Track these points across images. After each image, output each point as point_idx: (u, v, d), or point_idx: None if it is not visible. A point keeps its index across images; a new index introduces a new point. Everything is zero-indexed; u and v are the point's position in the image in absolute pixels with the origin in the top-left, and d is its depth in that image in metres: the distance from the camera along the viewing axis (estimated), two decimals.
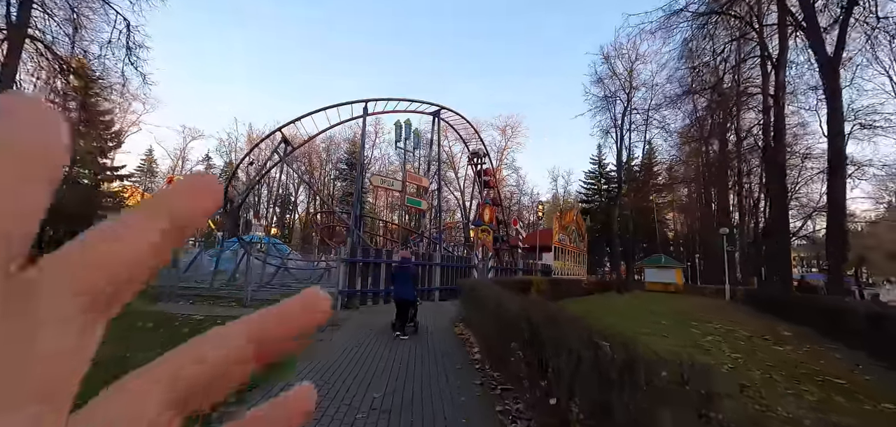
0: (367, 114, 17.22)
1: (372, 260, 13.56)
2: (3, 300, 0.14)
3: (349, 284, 12.73)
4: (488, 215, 20.01)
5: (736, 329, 11.04)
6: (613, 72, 35.02)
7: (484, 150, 22.88)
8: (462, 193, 50.44)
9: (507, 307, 5.97)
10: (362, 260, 13.19)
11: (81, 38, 14.12)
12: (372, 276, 13.57)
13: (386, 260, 13.92)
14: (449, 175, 51.56)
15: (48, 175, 0.15)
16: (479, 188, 22.46)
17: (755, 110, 26.09)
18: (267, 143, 17.25)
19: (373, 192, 52.01)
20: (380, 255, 13.84)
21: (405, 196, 16.69)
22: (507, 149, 53.29)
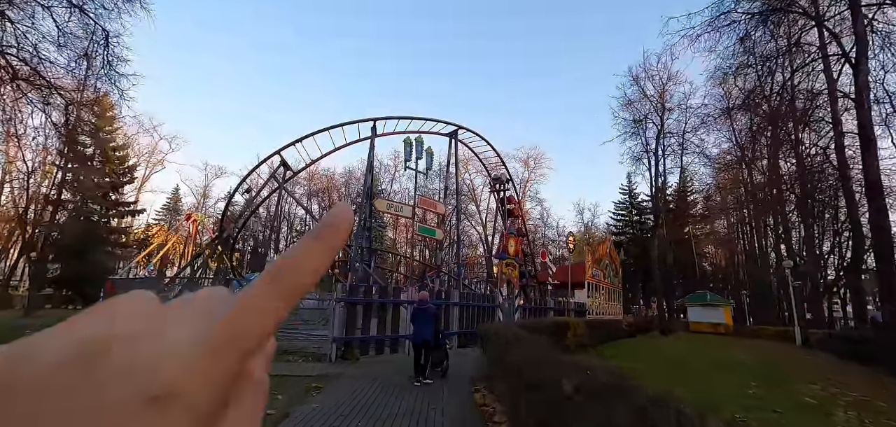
0: (376, 134, 15.46)
1: (376, 300, 11.36)
2: None
3: (347, 330, 10.53)
4: (513, 247, 17.63)
5: (845, 393, 8.19)
6: (644, 93, 32.74)
7: (507, 176, 20.74)
8: (484, 227, 48.19)
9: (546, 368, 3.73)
10: (363, 301, 11.01)
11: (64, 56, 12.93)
12: (377, 318, 11.35)
13: (393, 300, 11.70)
14: (470, 208, 49.55)
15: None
16: (503, 218, 20.17)
17: (815, 125, 23.15)
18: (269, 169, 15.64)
19: (393, 226, 50.25)
20: (384, 295, 11.61)
21: (415, 223, 14.59)
22: (530, 181, 51.08)
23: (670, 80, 31.98)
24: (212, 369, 0.19)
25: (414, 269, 37.76)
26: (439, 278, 18.85)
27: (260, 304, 0.21)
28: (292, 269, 0.23)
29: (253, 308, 0.21)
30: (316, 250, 0.23)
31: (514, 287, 16.88)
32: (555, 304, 19.59)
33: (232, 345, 0.20)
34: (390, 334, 11.50)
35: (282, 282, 0.22)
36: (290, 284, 0.22)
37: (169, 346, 0.19)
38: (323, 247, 0.24)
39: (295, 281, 0.22)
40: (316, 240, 0.24)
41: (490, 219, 47.93)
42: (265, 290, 0.22)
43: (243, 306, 0.21)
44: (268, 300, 0.22)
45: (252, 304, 0.21)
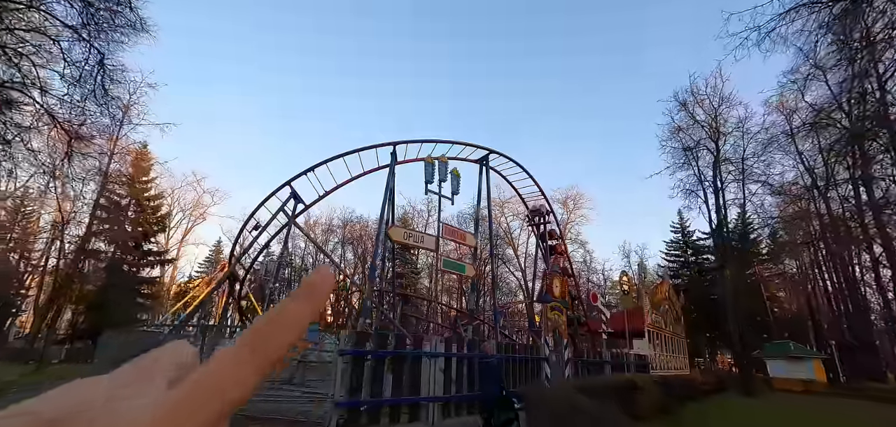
0: (396, 160, 13.70)
1: (390, 353, 9.06)
2: None
3: (351, 392, 8.25)
4: (559, 288, 14.94)
5: None
6: (694, 119, 29.75)
7: (547, 208, 18.30)
8: (523, 272, 45.04)
9: None
10: (375, 353, 8.74)
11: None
12: (393, 375, 9.02)
13: (412, 352, 9.36)
14: (506, 252, 46.76)
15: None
16: (544, 255, 17.61)
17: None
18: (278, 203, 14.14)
19: (429, 275, 48.03)
20: (401, 345, 9.29)
21: (440, 256, 12.37)
22: (570, 223, 47.93)
23: (723, 102, 28.97)
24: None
25: (450, 318, 35.12)
26: (472, 326, 16.29)
27: (233, 370, 0.21)
28: (268, 332, 0.23)
29: (223, 374, 0.20)
30: (293, 312, 0.23)
31: (561, 336, 14.05)
32: (611, 357, 16.39)
33: (207, 405, 0.19)
34: (409, 396, 9.08)
35: (256, 346, 0.22)
36: (265, 350, 0.22)
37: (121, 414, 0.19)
38: (301, 309, 0.24)
39: (270, 345, 0.22)
40: (294, 301, 0.24)
41: (529, 264, 44.93)
42: (236, 355, 0.21)
43: (218, 363, 0.21)
44: (238, 366, 0.21)
45: (228, 363, 0.21)
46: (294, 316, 0.23)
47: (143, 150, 30.37)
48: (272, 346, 0.22)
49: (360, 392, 8.38)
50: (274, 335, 0.22)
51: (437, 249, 12.14)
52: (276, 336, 0.22)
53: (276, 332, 0.23)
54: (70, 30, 11.41)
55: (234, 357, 0.21)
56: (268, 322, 0.23)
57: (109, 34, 12.52)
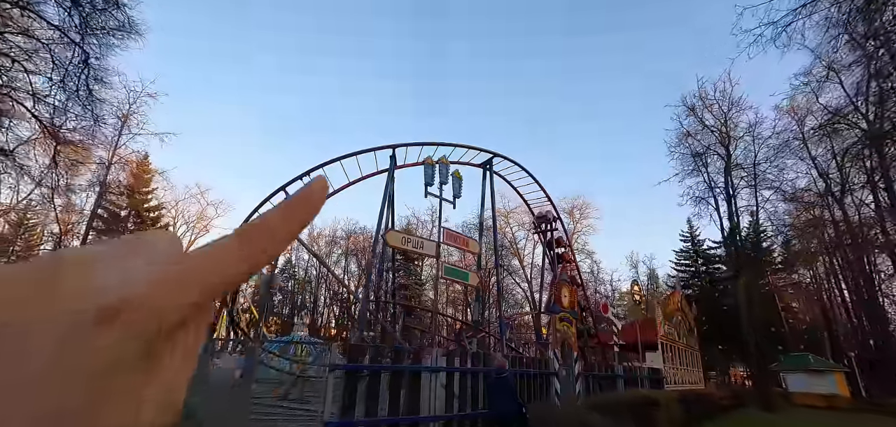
0: (396, 164, 13.11)
1: (387, 367, 8.35)
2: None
3: (344, 411, 7.53)
4: (568, 298, 14.15)
5: None
6: (703, 124, 29.00)
7: (554, 214, 17.58)
8: (529, 284, 44.07)
9: None
10: (369, 368, 8.03)
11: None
12: (390, 391, 8.29)
13: (411, 367, 8.64)
14: (512, 263, 45.85)
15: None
16: (552, 263, 16.85)
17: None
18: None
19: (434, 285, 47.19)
20: (399, 359, 8.58)
21: (441, 263, 11.64)
22: (576, 233, 46.99)
23: (733, 107, 28.23)
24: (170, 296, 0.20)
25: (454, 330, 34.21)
26: (476, 339, 15.51)
27: (223, 254, 0.22)
28: (261, 230, 0.24)
29: (221, 253, 0.22)
30: (286, 215, 0.24)
31: (571, 349, 13.24)
32: (623, 371, 15.48)
33: (195, 281, 0.21)
34: (407, 415, 8.33)
35: (249, 240, 0.23)
36: (258, 244, 0.23)
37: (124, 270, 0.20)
38: (294, 213, 0.25)
39: (262, 242, 0.23)
40: (289, 206, 0.25)
41: (535, 275, 43.93)
42: (233, 243, 0.23)
43: (205, 253, 0.22)
44: (232, 252, 0.22)
45: (216, 252, 0.22)
46: (287, 218, 0.25)
47: (144, 161, 30.08)
48: (261, 242, 0.23)
49: (353, 410, 7.66)
50: (264, 233, 0.24)
51: (438, 256, 11.45)
52: (267, 233, 0.24)
53: (266, 230, 0.24)
54: (56, 30, 11.01)
55: (220, 246, 0.23)
56: (261, 221, 0.24)
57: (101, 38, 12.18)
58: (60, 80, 10.60)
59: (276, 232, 0.24)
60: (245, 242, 0.23)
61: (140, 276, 0.20)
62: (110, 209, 27.59)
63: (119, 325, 0.19)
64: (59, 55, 10.73)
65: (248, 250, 0.23)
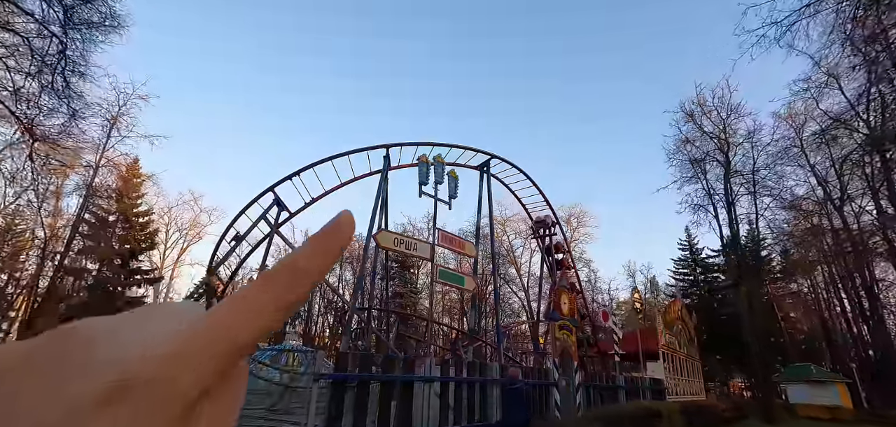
0: (390, 165, 12.65)
1: (378, 376, 7.82)
2: None
3: (330, 422, 6.98)
4: (568, 305, 13.67)
5: None
6: (701, 130, 28.78)
7: (552, 218, 17.15)
8: (526, 293, 43.53)
9: None
10: (357, 377, 7.50)
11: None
12: (380, 402, 7.76)
13: (402, 377, 8.10)
14: (509, 271, 45.35)
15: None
16: (550, 270, 16.38)
17: None
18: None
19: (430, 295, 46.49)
20: (390, 369, 8.05)
21: (435, 267, 11.14)
22: (573, 241, 46.59)
23: (732, 113, 28.03)
24: (184, 371, 0.18)
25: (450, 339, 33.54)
26: (473, 348, 14.96)
27: (248, 304, 0.20)
28: (288, 270, 0.22)
29: (243, 306, 0.20)
30: (315, 252, 0.23)
31: (571, 359, 12.72)
32: (625, 382, 14.97)
33: (214, 345, 0.19)
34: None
35: (276, 282, 0.21)
36: (285, 286, 0.21)
37: (140, 339, 0.18)
38: (322, 248, 0.23)
39: (290, 283, 0.21)
40: (316, 241, 0.23)
41: (532, 284, 43.38)
42: (257, 290, 0.21)
43: (229, 305, 0.20)
44: (258, 300, 0.20)
45: (239, 304, 0.20)
46: (315, 254, 0.23)
47: (134, 164, 29.48)
48: (288, 284, 0.21)
49: (339, 422, 7.12)
50: (291, 273, 0.22)
51: (433, 259, 10.96)
52: (294, 273, 0.22)
53: (293, 270, 0.22)
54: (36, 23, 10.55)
55: (243, 297, 0.21)
56: (286, 260, 0.22)
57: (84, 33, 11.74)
58: (37, 72, 10.12)
59: (303, 271, 0.22)
60: (271, 287, 0.21)
61: (152, 344, 0.18)
62: (98, 214, 26.91)
63: (124, 408, 0.16)
64: (37, 47, 10.30)
65: (275, 294, 0.21)
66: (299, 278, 0.22)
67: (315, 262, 0.23)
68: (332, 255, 0.24)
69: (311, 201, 12.50)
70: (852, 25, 14.41)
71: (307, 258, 0.23)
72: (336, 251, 0.24)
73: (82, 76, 11.30)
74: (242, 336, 0.19)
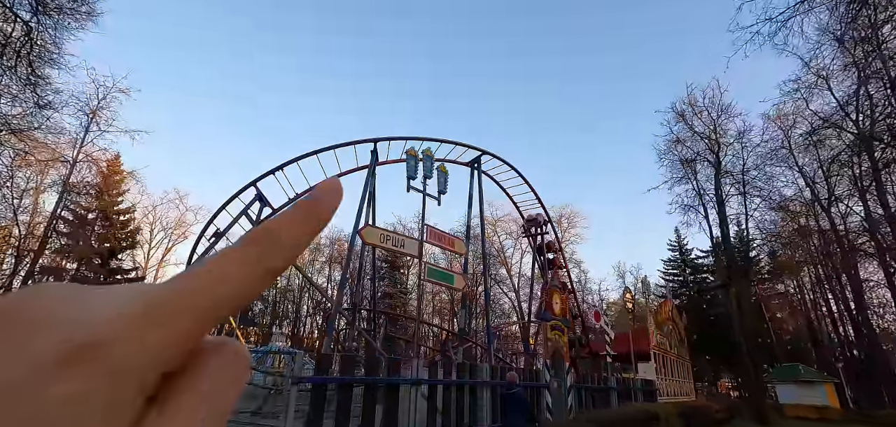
0: (378, 160, 12.24)
1: (361, 379, 7.41)
2: None
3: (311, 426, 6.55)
4: (559, 305, 13.37)
5: None
6: (692, 130, 28.78)
7: (544, 217, 16.85)
8: (517, 294, 43.29)
9: None
10: (339, 380, 7.08)
11: None
12: (364, 406, 7.34)
13: (388, 380, 7.69)
14: (500, 272, 45.09)
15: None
16: (542, 269, 16.09)
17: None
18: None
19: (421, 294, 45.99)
20: (374, 370, 7.63)
21: (423, 264, 10.75)
22: (564, 242, 46.47)
23: (722, 113, 28.08)
24: (150, 329, 0.17)
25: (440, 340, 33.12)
26: (463, 349, 14.58)
27: (223, 268, 0.19)
28: (268, 236, 0.20)
29: (213, 272, 0.19)
30: (297, 220, 0.21)
31: (563, 360, 12.41)
32: (617, 383, 14.71)
33: (182, 307, 0.18)
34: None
35: (255, 248, 0.20)
36: (264, 252, 0.20)
37: (106, 300, 0.17)
38: (305, 217, 0.22)
39: (269, 250, 0.20)
40: (297, 208, 0.22)
41: (523, 285, 43.16)
42: (234, 255, 0.20)
43: (201, 270, 0.19)
44: (234, 265, 0.19)
45: (210, 268, 0.19)
46: (295, 224, 0.21)
47: (115, 161, 28.59)
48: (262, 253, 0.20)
49: (319, 426, 6.69)
50: (266, 242, 0.20)
51: (421, 255, 10.57)
52: (269, 242, 0.20)
53: (269, 239, 0.20)
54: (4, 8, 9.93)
55: (217, 262, 0.19)
56: (263, 227, 0.21)
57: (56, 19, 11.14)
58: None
59: (279, 240, 0.21)
60: (241, 255, 0.20)
61: (118, 305, 0.17)
62: (76, 211, 26.01)
63: (89, 367, 0.15)
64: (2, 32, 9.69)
65: (244, 263, 0.20)
66: (274, 248, 0.20)
67: (293, 231, 0.21)
68: (314, 226, 0.22)
69: (295, 197, 12.02)
70: (844, 26, 14.38)
71: (285, 226, 0.21)
72: (318, 224, 0.22)
73: (54, 64, 10.73)
74: (205, 303, 0.18)
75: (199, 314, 0.18)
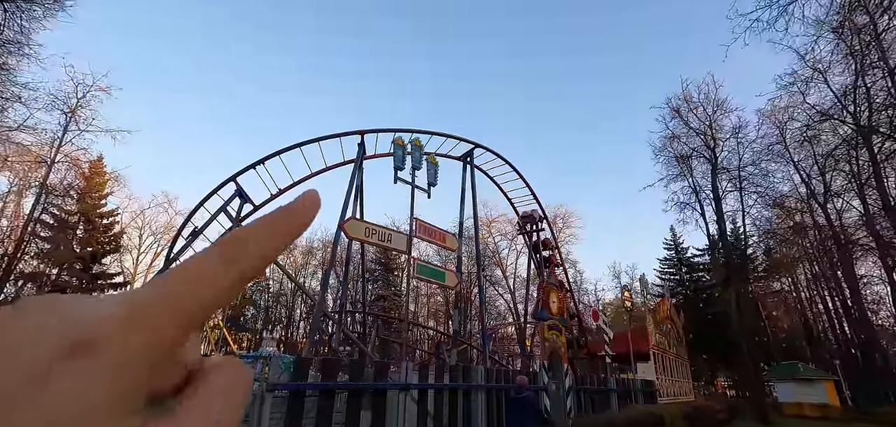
0: (365, 153, 11.65)
1: (344, 384, 6.80)
2: None
3: None
4: (557, 304, 12.82)
5: None
6: (688, 126, 28.48)
7: (540, 213, 16.32)
8: (512, 295, 42.74)
9: None
10: (320, 386, 6.46)
11: None
12: (347, 413, 6.74)
13: (373, 385, 7.09)
14: (495, 273, 44.55)
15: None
16: (538, 267, 15.55)
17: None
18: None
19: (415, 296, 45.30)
20: (358, 375, 7.02)
21: (413, 261, 10.14)
22: (559, 242, 46.06)
23: (718, 109, 27.83)
24: (140, 329, 0.17)
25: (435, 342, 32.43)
26: (457, 350, 13.99)
27: (198, 271, 0.19)
28: (239, 242, 0.21)
29: (190, 275, 0.19)
30: (272, 228, 0.21)
31: (560, 361, 11.87)
32: (616, 384, 14.16)
33: (165, 309, 0.18)
34: None
35: (227, 254, 0.20)
36: (235, 258, 0.20)
37: (91, 305, 0.18)
38: (280, 226, 0.22)
39: (241, 256, 0.20)
40: (274, 217, 0.22)
41: (518, 286, 42.61)
42: (207, 260, 0.20)
43: (178, 273, 0.19)
44: (208, 269, 0.20)
45: (189, 271, 0.19)
46: (272, 232, 0.21)
47: (97, 162, 27.74)
48: (238, 256, 0.20)
49: None
50: (242, 246, 0.21)
51: (410, 251, 9.97)
52: (245, 247, 0.21)
53: (244, 243, 0.21)
54: None
55: (196, 264, 0.20)
56: (241, 232, 0.21)
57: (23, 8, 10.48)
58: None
59: (256, 246, 0.21)
60: (222, 252, 0.20)
61: (106, 306, 0.18)
62: (56, 214, 25.13)
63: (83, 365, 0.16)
64: None
65: (227, 259, 0.20)
66: (250, 254, 0.21)
67: (270, 240, 0.21)
68: (289, 235, 0.22)
69: (278, 193, 11.39)
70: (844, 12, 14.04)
71: (263, 234, 0.21)
72: (295, 232, 0.23)
73: (25, 57, 10.06)
74: (189, 306, 0.19)
75: (184, 315, 0.18)
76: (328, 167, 11.85)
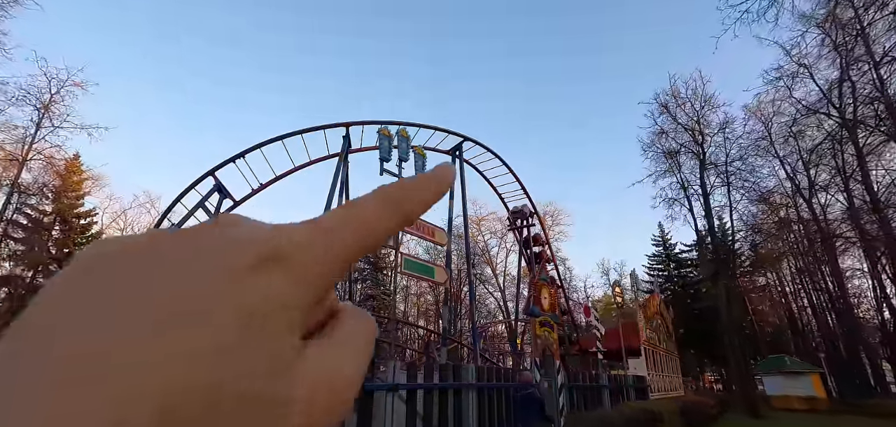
0: (350, 147, 11.25)
1: None
2: None
3: None
4: (548, 300, 12.59)
5: None
6: (675, 121, 28.60)
7: (530, 208, 16.09)
8: (502, 293, 42.58)
9: None
10: None
11: None
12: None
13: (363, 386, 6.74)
14: (485, 272, 44.32)
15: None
16: (528, 263, 15.31)
17: None
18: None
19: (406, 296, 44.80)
20: None
21: (400, 255, 9.82)
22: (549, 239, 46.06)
23: (705, 104, 27.98)
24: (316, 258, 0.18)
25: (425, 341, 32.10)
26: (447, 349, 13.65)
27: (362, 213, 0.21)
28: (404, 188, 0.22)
29: (352, 217, 0.20)
30: (421, 183, 0.23)
31: (552, 357, 11.62)
32: (608, 381, 13.98)
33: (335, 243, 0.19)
34: None
35: (393, 197, 0.22)
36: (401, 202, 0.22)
37: (277, 227, 0.19)
38: (429, 184, 0.23)
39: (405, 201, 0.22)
40: (420, 177, 0.23)
41: (508, 284, 42.49)
42: (369, 204, 0.21)
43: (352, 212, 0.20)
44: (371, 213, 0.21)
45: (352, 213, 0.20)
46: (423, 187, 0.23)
47: (74, 160, 26.79)
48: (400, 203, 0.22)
49: None
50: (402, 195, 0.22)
51: (397, 246, 9.66)
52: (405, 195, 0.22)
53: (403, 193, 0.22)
54: None
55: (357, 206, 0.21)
56: (397, 185, 0.22)
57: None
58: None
59: (417, 193, 0.23)
60: (389, 201, 0.21)
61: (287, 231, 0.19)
62: (30, 215, 24.19)
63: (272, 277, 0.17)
64: None
65: (394, 210, 0.21)
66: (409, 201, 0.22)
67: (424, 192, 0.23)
68: (437, 193, 0.24)
69: (259, 188, 10.96)
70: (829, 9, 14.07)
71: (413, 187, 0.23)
72: (440, 192, 0.24)
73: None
74: (351, 242, 0.20)
75: (347, 253, 0.19)
76: (312, 160, 11.45)
